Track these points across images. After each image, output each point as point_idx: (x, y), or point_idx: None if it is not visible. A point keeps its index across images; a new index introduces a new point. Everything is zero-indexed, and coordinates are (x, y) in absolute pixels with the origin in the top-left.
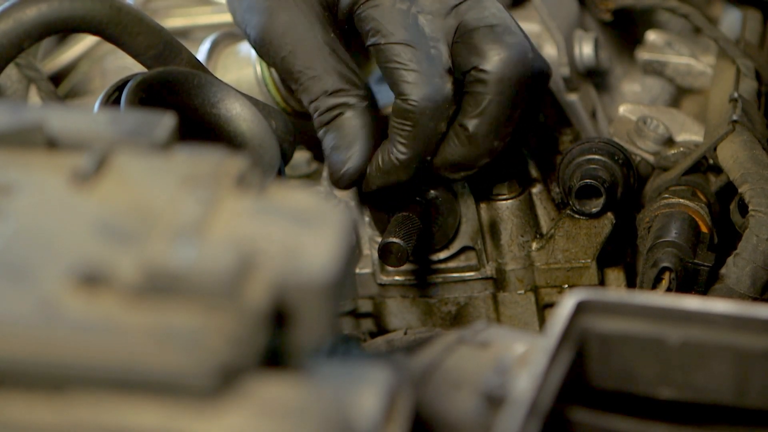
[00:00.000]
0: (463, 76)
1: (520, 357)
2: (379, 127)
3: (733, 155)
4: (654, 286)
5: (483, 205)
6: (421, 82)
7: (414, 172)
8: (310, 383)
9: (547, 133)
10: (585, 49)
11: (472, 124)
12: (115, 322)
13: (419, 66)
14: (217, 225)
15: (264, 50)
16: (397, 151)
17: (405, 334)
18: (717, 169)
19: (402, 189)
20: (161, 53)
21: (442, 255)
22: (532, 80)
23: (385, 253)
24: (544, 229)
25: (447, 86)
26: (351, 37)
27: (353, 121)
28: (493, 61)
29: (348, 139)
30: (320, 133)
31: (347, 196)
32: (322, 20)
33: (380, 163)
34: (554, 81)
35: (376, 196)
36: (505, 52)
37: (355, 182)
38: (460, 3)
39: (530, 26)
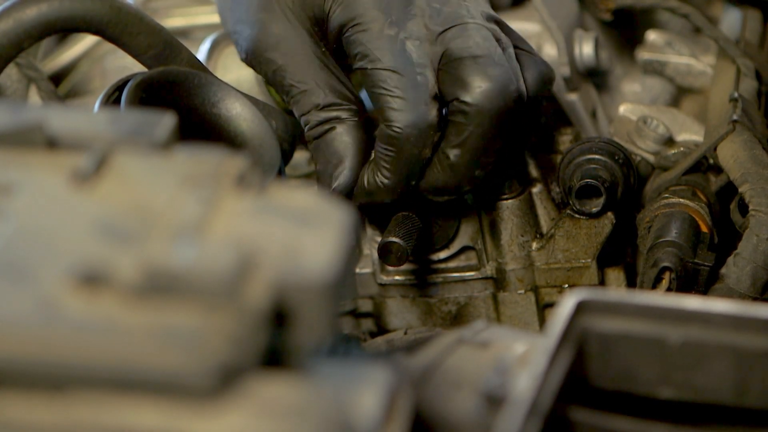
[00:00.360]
0: (446, 105)
1: (520, 357)
2: (369, 143)
3: (733, 155)
4: (654, 285)
5: (483, 205)
6: (406, 108)
7: (398, 195)
8: (310, 383)
9: (547, 133)
10: (585, 49)
11: (453, 153)
12: (115, 321)
13: (405, 93)
14: (217, 225)
15: (255, 62)
16: (382, 175)
17: (405, 334)
18: (717, 169)
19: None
20: (161, 53)
21: (442, 255)
22: (514, 111)
23: (385, 253)
24: (545, 229)
25: (432, 113)
26: (340, 56)
27: (343, 138)
28: (475, 93)
29: (337, 156)
30: (310, 147)
31: None
32: (312, 34)
33: (365, 183)
34: (554, 81)
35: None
36: (487, 84)
37: (346, 197)
38: (446, 30)
39: (530, 26)
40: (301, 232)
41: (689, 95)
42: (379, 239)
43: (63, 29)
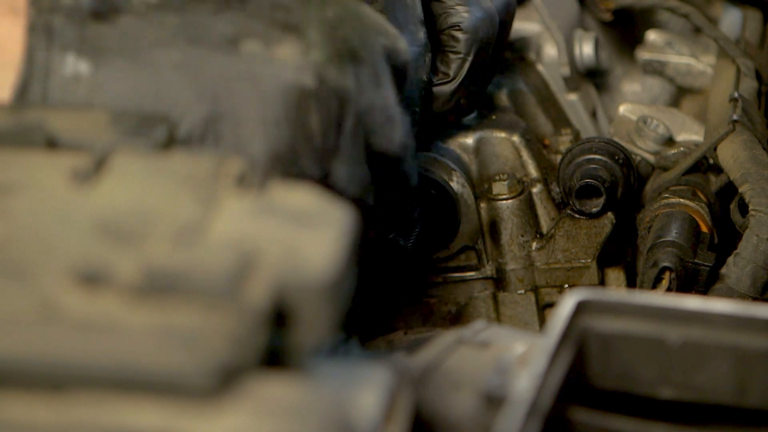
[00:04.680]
0: (438, 33)
1: (520, 357)
2: None
3: (733, 155)
4: (654, 285)
5: (483, 205)
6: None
7: None
8: (310, 383)
9: (547, 133)
10: (585, 49)
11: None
12: (115, 321)
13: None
14: (217, 225)
15: None
16: None
17: (405, 334)
18: (717, 169)
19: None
20: None
21: (442, 255)
22: (495, 40)
23: None
24: (545, 229)
25: (420, 34)
26: None
27: None
28: (468, 22)
29: None
30: None
31: None
32: None
33: None
34: (554, 81)
35: None
36: (480, 13)
37: None
38: None
39: (530, 26)
40: (301, 232)
41: (689, 95)
42: None
43: None
